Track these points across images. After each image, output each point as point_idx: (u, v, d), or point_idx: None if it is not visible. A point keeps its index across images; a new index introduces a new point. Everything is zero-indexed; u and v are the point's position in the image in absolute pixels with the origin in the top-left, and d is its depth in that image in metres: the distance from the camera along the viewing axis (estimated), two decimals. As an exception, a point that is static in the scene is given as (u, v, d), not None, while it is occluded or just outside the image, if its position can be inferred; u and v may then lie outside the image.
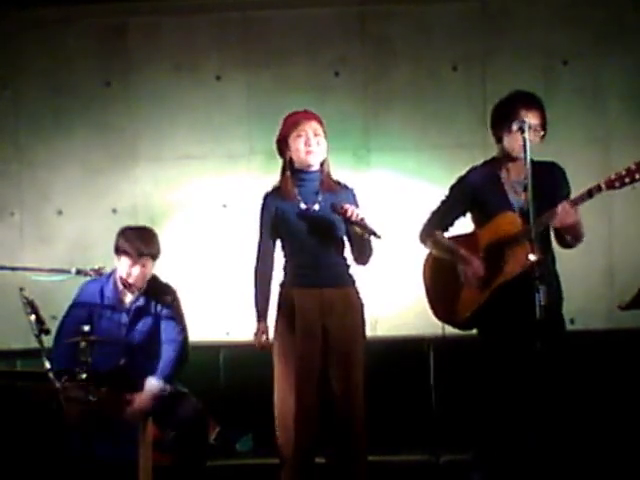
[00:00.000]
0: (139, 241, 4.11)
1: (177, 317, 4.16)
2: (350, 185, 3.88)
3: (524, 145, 3.43)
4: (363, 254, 3.80)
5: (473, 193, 3.76)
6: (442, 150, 4.92)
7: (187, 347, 4.17)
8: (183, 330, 4.17)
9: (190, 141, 5.05)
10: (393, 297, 4.85)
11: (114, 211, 5.04)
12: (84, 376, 3.73)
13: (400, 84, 5.00)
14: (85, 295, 4.21)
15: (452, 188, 3.84)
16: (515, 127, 3.51)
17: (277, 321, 3.79)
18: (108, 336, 4.03)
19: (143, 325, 4.16)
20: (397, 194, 4.91)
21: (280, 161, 3.84)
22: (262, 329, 3.78)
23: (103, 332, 4.04)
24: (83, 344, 3.73)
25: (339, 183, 3.85)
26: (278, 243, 3.84)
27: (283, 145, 3.80)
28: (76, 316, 4.11)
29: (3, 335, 4.88)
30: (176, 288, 4.29)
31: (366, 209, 4.78)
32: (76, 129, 5.10)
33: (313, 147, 3.75)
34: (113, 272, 4.18)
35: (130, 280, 4.13)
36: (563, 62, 4.95)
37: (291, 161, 3.79)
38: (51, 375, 3.69)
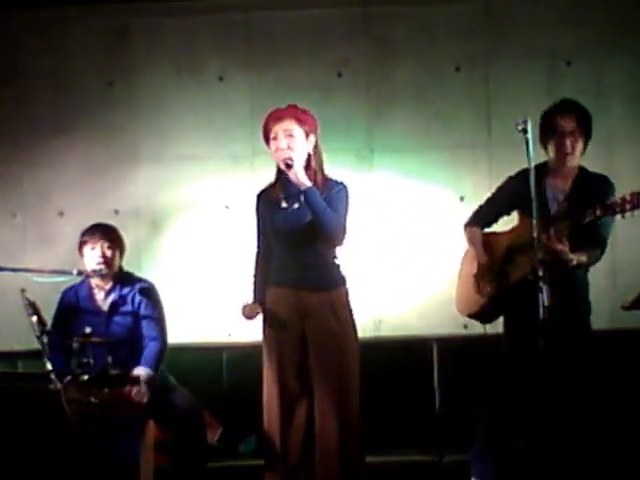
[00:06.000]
0: (95, 229, 4.23)
1: (155, 309, 4.18)
2: (344, 182, 3.73)
3: (527, 146, 3.41)
4: (327, 230, 3.59)
5: (518, 194, 3.78)
6: (445, 151, 4.90)
7: (166, 338, 4.20)
8: (161, 321, 4.19)
9: (192, 142, 5.03)
10: (396, 297, 4.83)
11: (116, 212, 5.02)
12: (85, 377, 3.73)
13: (403, 85, 4.98)
14: (63, 303, 4.25)
15: (500, 188, 3.96)
16: (519, 127, 3.47)
17: (263, 320, 3.79)
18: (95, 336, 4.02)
19: (122, 319, 4.17)
20: (400, 195, 4.89)
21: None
22: (250, 306, 3.76)
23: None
24: (76, 345, 3.78)
25: (331, 180, 3.72)
26: None
27: (268, 147, 3.75)
28: (59, 326, 4.12)
29: (5, 336, 4.86)
30: (154, 282, 4.29)
31: (369, 210, 4.84)
32: (77, 130, 5.07)
33: (282, 149, 3.64)
34: (86, 276, 4.19)
35: (96, 264, 4.12)
36: (567, 63, 4.93)
37: None
38: (53, 376, 3.69)
